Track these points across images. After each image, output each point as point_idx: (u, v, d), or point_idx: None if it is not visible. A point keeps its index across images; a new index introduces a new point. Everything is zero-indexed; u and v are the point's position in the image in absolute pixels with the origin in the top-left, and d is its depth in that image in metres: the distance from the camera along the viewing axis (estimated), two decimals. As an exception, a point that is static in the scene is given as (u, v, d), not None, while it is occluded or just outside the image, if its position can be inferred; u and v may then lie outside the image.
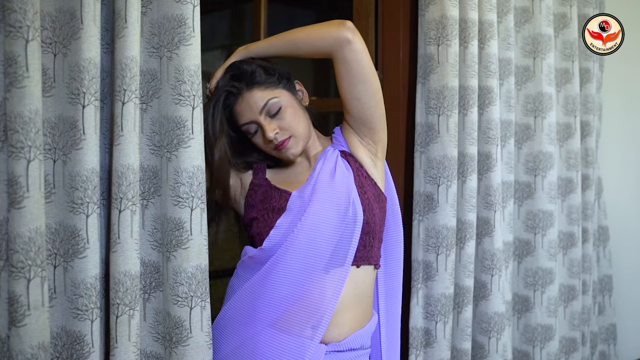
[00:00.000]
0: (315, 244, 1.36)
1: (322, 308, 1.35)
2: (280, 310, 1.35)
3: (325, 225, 1.37)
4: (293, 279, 1.35)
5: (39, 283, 1.14)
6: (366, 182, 1.47)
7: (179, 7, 1.30)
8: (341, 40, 1.39)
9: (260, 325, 1.36)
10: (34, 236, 1.12)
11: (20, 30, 1.10)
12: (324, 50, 1.42)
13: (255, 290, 1.38)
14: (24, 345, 1.12)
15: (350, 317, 1.42)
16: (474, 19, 1.91)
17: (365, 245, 1.43)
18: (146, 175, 1.35)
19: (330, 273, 1.36)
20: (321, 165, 1.44)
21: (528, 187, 2.17)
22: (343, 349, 1.40)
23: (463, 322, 1.95)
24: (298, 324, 1.35)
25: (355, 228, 1.39)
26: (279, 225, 1.38)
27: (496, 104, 1.97)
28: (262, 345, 1.36)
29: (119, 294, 1.24)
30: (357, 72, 1.42)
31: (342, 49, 1.40)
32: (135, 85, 1.24)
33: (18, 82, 1.10)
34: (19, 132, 1.11)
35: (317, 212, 1.37)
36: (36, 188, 1.13)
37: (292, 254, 1.36)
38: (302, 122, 1.43)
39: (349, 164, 1.47)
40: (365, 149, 1.51)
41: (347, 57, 1.40)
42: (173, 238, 1.32)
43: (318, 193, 1.39)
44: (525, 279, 2.18)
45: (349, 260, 1.38)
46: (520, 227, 2.18)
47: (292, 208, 1.40)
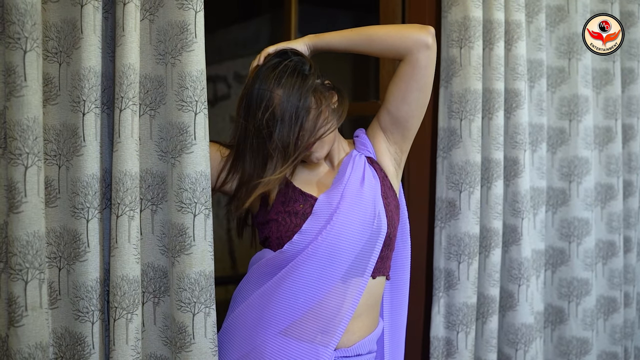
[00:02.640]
0: (338, 253, 1.34)
1: (338, 317, 1.33)
2: (294, 317, 1.34)
3: (350, 235, 1.34)
4: (311, 286, 1.33)
5: (37, 285, 1.18)
6: (390, 193, 1.45)
7: (181, 14, 1.31)
8: (421, 43, 1.38)
9: (270, 332, 1.35)
10: (31, 240, 1.16)
11: (19, 41, 1.15)
12: (400, 51, 1.39)
13: (268, 296, 1.36)
14: (22, 345, 1.17)
15: (361, 325, 1.41)
16: (499, 19, 1.85)
17: (383, 257, 1.41)
18: (155, 180, 1.37)
19: (347, 283, 1.34)
20: (350, 172, 1.40)
21: (562, 193, 2.08)
22: (351, 354, 1.39)
23: (488, 333, 1.89)
24: (311, 331, 1.34)
25: (378, 240, 1.36)
26: (305, 230, 1.34)
27: (524, 107, 1.89)
28: (270, 353, 1.34)
29: (117, 297, 1.27)
30: (421, 79, 1.40)
31: (418, 52, 1.38)
32: (133, 92, 1.26)
33: (17, 91, 1.15)
34: (17, 139, 1.15)
35: (344, 220, 1.34)
36: (34, 193, 1.17)
37: (313, 260, 1.33)
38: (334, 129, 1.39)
39: (376, 172, 1.44)
40: (391, 156, 1.48)
41: (420, 61, 1.39)
42: (177, 244, 1.33)
43: (346, 200, 1.36)
44: (560, 289, 2.09)
45: (369, 271, 1.35)
46: (554, 235, 2.09)
47: (319, 214, 1.36)
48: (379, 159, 1.47)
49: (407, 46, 1.38)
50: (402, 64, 1.40)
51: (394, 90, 1.42)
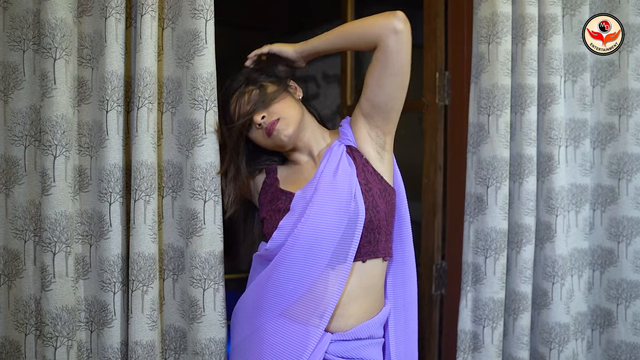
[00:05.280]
0: (317, 243, 1.39)
1: (325, 301, 1.40)
2: (288, 302, 1.42)
3: (327, 224, 1.40)
4: (297, 276, 1.41)
5: (64, 257, 1.39)
6: (372, 178, 1.47)
7: (193, 22, 1.47)
8: (389, 29, 1.41)
9: (269, 314, 1.44)
10: (59, 218, 1.38)
11: (50, 51, 1.36)
12: (371, 39, 1.43)
13: (263, 284, 1.47)
14: (50, 306, 1.38)
15: (357, 309, 1.45)
16: (532, 14, 1.83)
17: (371, 242, 1.44)
18: (175, 170, 1.55)
19: (334, 269, 1.40)
20: (325, 163, 1.47)
21: (611, 191, 2.00)
22: (349, 338, 1.44)
23: (519, 330, 1.88)
24: (305, 313, 1.41)
25: (357, 226, 1.41)
26: (282, 226, 1.42)
27: (559, 102, 1.86)
28: (270, 333, 1.44)
29: (134, 271, 1.45)
30: (394, 64, 1.42)
31: (387, 37, 1.41)
32: (148, 92, 1.44)
33: (48, 93, 1.36)
34: (47, 133, 1.37)
35: (318, 211, 1.41)
36: (62, 179, 1.38)
37: (295, 253, 1.41)
38: (291, 107, 1.47)
39: (355, 160, 1.48)
40: (373, 141, 1.50)
41: (390, 46, 1.41)
42: (190, 226, 1.50)
43: (319, 192, 1.43)
44: (608, 291, 2.02)
45: (350, 257, 1.40)
46: (603, 234, 2.02)
47: (295, 208, 1.45)
48: (359, 146, 1.50)
49: (375, 34, 1.42)
50: (375, 51, 1.44)
51: (369, 76, 1.46)
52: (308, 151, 1.54)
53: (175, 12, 1.52)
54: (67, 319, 1.40)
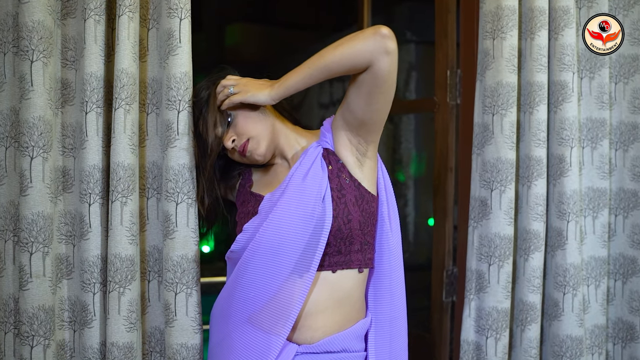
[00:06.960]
0: (281, 248, 1.34)
1: (288, 310, 1.33)
2: (253, 308, 1.37)
3: (291, 228, 1.34)
4: (261, 281, 1.36)
5: (41, 257, 1.40)
6: (347, 184, 1.39)
7: (169, 22, 1.45)
8: (380, 51, 1.26)
9: (237, 320, 1.40)
10: (36, 219, 1.39)
11: (27, 53, 1.38)
12: (362, 66, 1.28)
13: (232, 288, 1.42)
14: (27, 305, 1.40)
15: (326, 321, 1.37)
16: (542, 7, 1.72)
17: (341, 251, 1.37)
18: (159, 172, 1.54)
19: (301, 277, 1.33)
20: (297, 166, 1.40)
21: (634, 196, 1.86)
22: (317, 351, 1.37)
23: (527, 342, 1.77)
24: (271, 321, 1.35)
25: (322, 233, 1.32)
26: (246, 228, 1.38)
27: (571, 100, 1.74)
28: (236, 340, 1.39)
29: (111, 273, 1.45)
30: (385, 81, 1.29)
31: (379, 61, 1.26)
32: (125, 93, 1.43)
33: (25, 95, 1.38)
34: (24, 134, 1.38)
35: (281, 215, 1.34)
36: (39, 180, 1.39)
37: (259, 257, 1.36)
38: (258, 123, 1.42)
39: (330, 164, 1.40)
40: (353, 147, 1.40)
41: (383, 68, 1.27)
42: (164, 229, 1.49)
43: (286, 195, 1.37)
44: (631, 302, 1.88)
45: (313, 266, 1.32)
46: (625, 242, 1.88)
47: (261, 211, 1.40)
48: (337, 150, 1.41)
49: (366, 59, 1.27)
50: (364, 73, 1.29)
51: (355, 95, 1.33)
52: (282, 155, 1.48)
53: (158, 13, 1.51)
54: (44, 319, 1.41)
